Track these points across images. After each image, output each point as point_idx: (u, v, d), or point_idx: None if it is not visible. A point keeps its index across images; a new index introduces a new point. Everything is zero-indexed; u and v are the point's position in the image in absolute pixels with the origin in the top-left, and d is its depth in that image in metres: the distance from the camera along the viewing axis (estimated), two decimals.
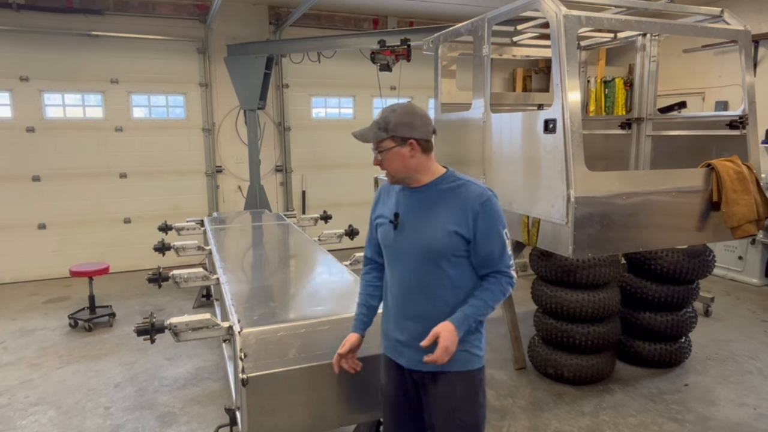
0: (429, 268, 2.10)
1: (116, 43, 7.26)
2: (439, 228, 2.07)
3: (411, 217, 2.15)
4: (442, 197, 2.11)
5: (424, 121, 2.09)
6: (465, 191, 2.09)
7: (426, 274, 2.11)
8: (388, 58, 5.97)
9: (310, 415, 2.63)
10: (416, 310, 2.15)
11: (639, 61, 4.97)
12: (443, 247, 2.07)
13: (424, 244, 2.09)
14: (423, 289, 2.12)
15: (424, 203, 2.13)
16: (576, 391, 4.08)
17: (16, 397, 4.10)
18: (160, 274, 4.13)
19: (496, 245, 2.08)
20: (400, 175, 2.13)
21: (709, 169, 3.63)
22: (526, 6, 3.63)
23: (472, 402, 2.17)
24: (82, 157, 7.32)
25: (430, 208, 2.11)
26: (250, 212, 6.86)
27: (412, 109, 2.10)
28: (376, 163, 2.14)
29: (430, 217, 2.10)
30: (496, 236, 2.07)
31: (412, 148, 2.07)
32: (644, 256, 4.33)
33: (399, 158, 2.08)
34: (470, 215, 2.05)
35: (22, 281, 7.16)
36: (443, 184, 2.13)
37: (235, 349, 2.59)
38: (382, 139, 2.08)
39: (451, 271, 2.09)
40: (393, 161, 2.10)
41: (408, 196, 2.18)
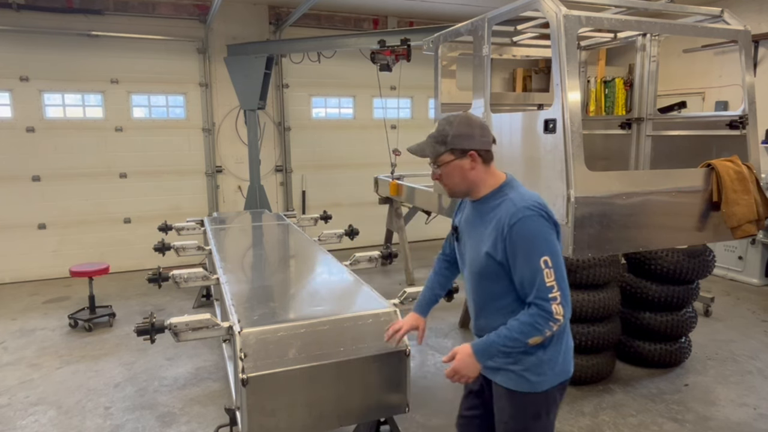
0: (482, 284, 2.08)
1: (116, 43, 7.26)
2: (478, 247, 2.04)
3: (467, 231, 2.14)
4: (488, 213, 2.01)
5: (483, 131, 2.02)
6: (502, 210, 1.96)
7: (480, 288, 2.10)
8: (388, 58, 5.97)
9: (310, 415, 2.63)
10: (477, 321, 2.19)
11: (639, 61, 4.97)
12: (481, 267, 2.03)
13: (470, 262, 2.10)
14: (478, 299, 2.14)
15: (476, 218, 2.08)
16: (576, 391, 4.08)
17: (16, 397, 4.10)
18: (160, 274, 4.13)
19: (526, 271, 1.90)
20: (459, 189, 2.06)
21: (709, 169, 3.63)
22: (526, 6, 3.63)
23: (521, 423, 2.10)
24: (82, 157, 7.33)
25: (478, 224, 2.06)
26: (250, 212, 6.86)
27: (469, 119, 2.02)
28: (434, 177, 2.07)
29: (474, 235, 2.07)
30: (526, 262, 1.89)
31: (473, 159, 1.99)
32: (644, 256, 4.33)
33: (459, 171, 2.00)
34: (500, 236, 1.94)
35: (22, 281, 7.16)
36: (492, 200, 2.03)
37: (235, 349, 2.59)
38: (440, 153, 2.00)
39: (494, 288, 2.03)
40: (452, 175, 2.02)
41: (468, 209, 2.15)
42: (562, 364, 2.08)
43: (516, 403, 2.09)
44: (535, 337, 1.91)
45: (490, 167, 2.06)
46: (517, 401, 2.09)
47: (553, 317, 1.89)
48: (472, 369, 2.02)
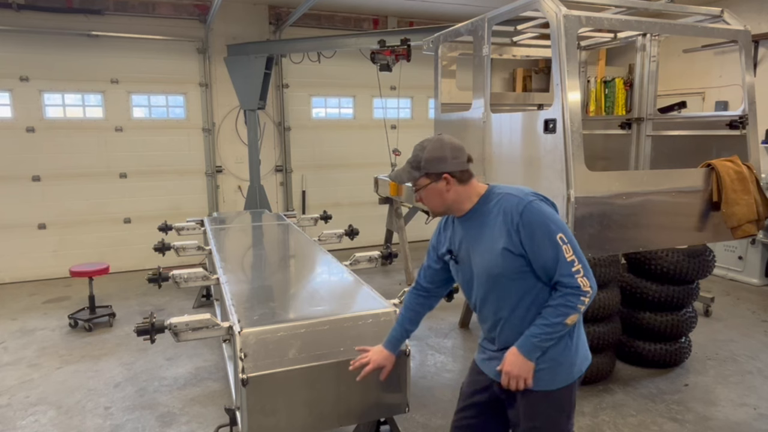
0: (497, 292, 2.07)
1: (116, 43, 7.26)
2: (491, 250, 2.03)
3: (466, 246, 2.14)
4: (486, 218, 2.07)
5: (455, 153, 2.07)
6: (504, 205, 2.02)
7: (496, 298, 2.09)
8: (388, 58, 5.97)
9: (310, 415, 2.63)
10: (494, 331, 2.16)
11: (639, 61, 4.97)
12: (500, 269, 2.02)
13: (484, 270, 2.07)
14: (497, 310, 2.11)
15: (473, 230, 2.11)
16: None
17: (16, 397, 4.10)
18: (160, 274, 4.13)
19: (548, 253, 1.95)
20: (440, 210, 2.15)
21: (709, 169, 3.63)
22: (526, 6, 3.63)
23: (553, 424, 2.11)
24: (82, 157, 7.32)
25: (479, 233, 2.09)
26: (250, 212, 6.86)
27: (441, 142, 2.08)
28: (416, 200, 2.16)
29: (480, 243, 2.08)
30: (545, 243, 1.95)
31: (448, 182, 2.06)
32: (644, 256, 4.33)
33: (436, 194, 2.09)
34: (513, 229, 1.97)
35: (22, 281, 7.16)
36: (485, 205, 2.09)
37: (235, 349, 2.59)
38: (416, 178, 2.09)
39: (517, 288, 2.04)
40: (431, 198, 2.11)
41: (459, 227, 2.18)
42: (584, 348, 2.15)
43: (551, 403, 2.09)
44: (571, 315, 1.96)
45: (470, 183, 2.11)
46: (551, 401, 2.08)
47: (581, 290, 1.94)
48: (525, 369, 2.03)
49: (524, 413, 2.11)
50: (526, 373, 2.03)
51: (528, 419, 2.11)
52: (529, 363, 2.02)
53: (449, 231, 2.25)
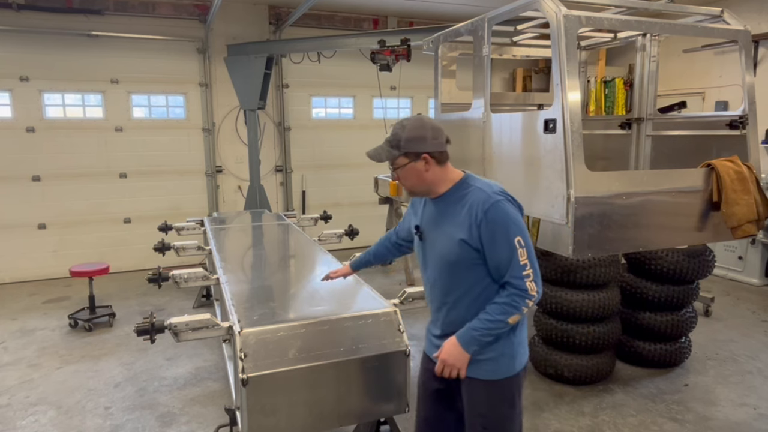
0: (450, 277, 2.13)
1: (116, 43, 7.26)
2: (450, 237, 2.08)
3: (430, 227, 2.19)
4: (454, 206, 2.10)
5: (435, 133, 2.07)
6: (472, 198, 2.05)
7: (446, 280, 2.14)
8: (388, 58, 5.97)
9: (310, 415, 2.63)
10: (439, 312, 2.22)
11: (639, 61, 4.97)
12: (455, 257, 2.07)
13: (440, 255, 2.13)
14: (445, 294, 2.16)
15: (440, 213, 2.15)
16: (576, 391, 4.08)
17: (16, 397, 4.10)
18: (160, 274, 4.13)
19: (502, 253, 1.99)
20: (418, 190, 2.16)
21: (709, 169, 3.63)
22: (526, 6, 3.63)
23: (497, 412, 2.15)
24: (82, 157, 7.32)
25: (443, 218, 2.13)
26: (250, 212, 6.86)
27: (421, 122, 2.08)
28: (394, 179, 2.17)
29: (444, 228, 2.12)
30: (502, 243, 1.99)
31: (427, 162, 2.07)
32: (644, 256, 4.33)
33: (414, 173, 2.09)
34: (474, 223, 2.01)
35: (22, 281, 7.16)
36: (456, 192, 2.12)
37: (235, 349, 2.59)
38: (395, 156, 2.09)
39: (469, 277, 2.08)
40: (409, 177, 2.11)
41: (429, 207, 2.22)
42: (525, 344, 2.22)
43: (493, 393, 2.14)
44: (514, 315, 2.02)
45: (447, 166, 2.14)
46: (494, 390, 2.13)
47: (528, 294, 2.00)
48: (461, 359, 2.08)
49: (467, 401, 2.19)
50: (460, 363, 2.08)
51: (471, 407, 2.18)
52: (465, 354, 2.07)
53: (421, 207, 2.29)
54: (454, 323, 2.15)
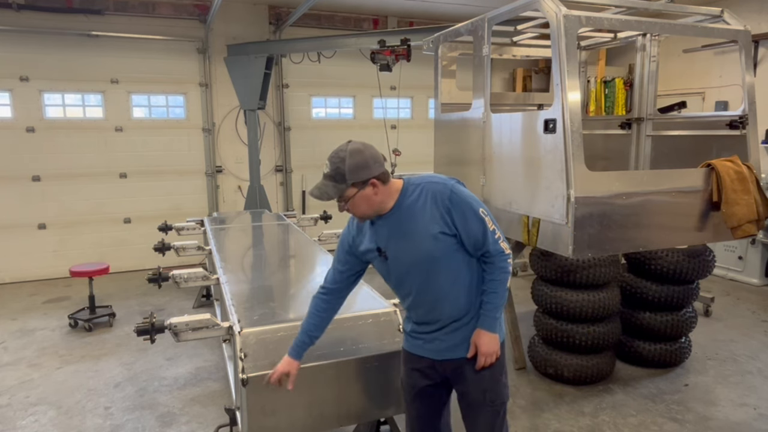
0: (434, 276, 2.16)
1: (116, 43, 7.26)
2: (423, 237, 2.11)
3: (394, 241, 2.18)
4: (413, 209, 2.13)
5: (374, 157, 2.09)
6: (429, 192, 2.12)
7: (434, 282, 2.17)
8: (388, 58, 5.96)
9: (310, 415, 2.63)
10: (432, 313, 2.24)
11: (639, 61, 4.97)
12: (438, 251, 2.12)
13: (422, 257, 2.14)
14: (437, 296, 2.20)
15: (400, 223, 2.15)
16: (576, 391, 4.08)
17: (16, 397, 4.10)
18: (160, 274, 4.13)
19: (477, 228, 2.12)
20: (369, 213, 2.15)
21: (709, 169, 3.63)
22: (526, 6, 3.63)
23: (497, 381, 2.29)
24: (82, 157, 7.32)
25: (408, 224, 2.14)
26: (250, 212, 6.86)
27: (358, 149, 2.06)
28: (342, 210, 2.14)
29: (412, 233, 2.13)
30: (473, 220, 2.11)
31: (375, 186, 2.08)
32: (644, 256, 4.33)
33: (365, 200, 2.09)
34: (445, 212, 2.09)
35: (22, 281, 7.16)
36: (407, 198, 2.15)
37: (235, 349, 2.59)
38: (343, 191, 2.06)
39: (453, 266, 2.16)
40: (359, 205, 2.10)
41: (382, 225, 2.19)
42: None
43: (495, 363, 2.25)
44: (509, 278, 2.20)
45: (390, 182, 2.16)
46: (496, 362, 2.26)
47: (506, 254, 2.18)
48: (495, 343, 2.21)
49: (472, 380, 2.26)
50: (496, 346, 2.22)
51: (477, 385, 2.26)
52: (496, 335, 2.21)
53: (367, 231, 2.25)
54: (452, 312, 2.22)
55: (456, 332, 2.24)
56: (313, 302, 2.42)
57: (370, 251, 2.25)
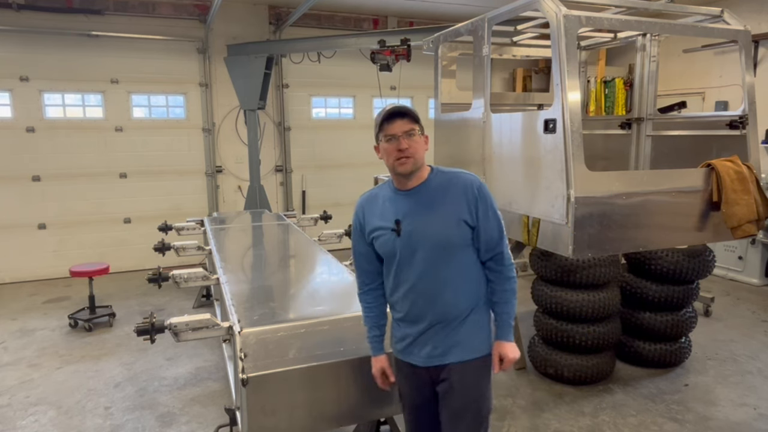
0: (442, 263, 2.13)
1: (116, 43, 7.26)
2: (447, 219, 2.12)
3: (414, 218, 2.14)
4: (439, 192, 2.15)
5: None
6: (460, 181, 2.16)
7: (441, 269, 2.14)
8: (388, 58, 5.96)
9: (310, 415, 2.63)
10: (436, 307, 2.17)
11: (639, 61, 4.97)
12: (455, 237, 2.12)
13: (437, 239, 2.12)
14: (440, 284, 2.15)
15: (424, 202, 2.15)
16: (576, 391, 4.08)
17: (16, 397, 4.10)
18: (160, 274, 4.12)
19: (495, 227, 2.16)
20: (419, 163, 2.15)
21: (709, 169, 3.63)
22: (526, 6, 3.63)
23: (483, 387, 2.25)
24: (82, 157, 7.32)
25: (431, 204, 2.14)
26: (250, 212, 6.86)
27: None
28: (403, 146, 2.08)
29: (435, 212, 2.13)
30: (494, 218, 2.17)
31: (426, 141, 2.19)
32: (644, 256, 4.33)
33: (421, 146, 2.15)
34: (472, 202, 2.13)
35: (22, 281, 7.16)
36: (435, 180, 2.18)
37: (235, 349, 2.59)
38: (416, 120, 2.14)
39: (464, 259, 2.16)
40: (418, 148, 2.13)
41: (403, 200, 2.17)
42: None
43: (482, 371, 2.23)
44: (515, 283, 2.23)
45: None
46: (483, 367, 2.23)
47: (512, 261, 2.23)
48: (517, 349, 2.24)
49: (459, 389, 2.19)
50: (518, 353, 2.25)
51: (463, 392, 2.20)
52: (514, 343, 2.24)
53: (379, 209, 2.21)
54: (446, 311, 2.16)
55: (445, 335, 2.18)
56: (361, 299, 2.40)
57: (378, 229, 2.18)
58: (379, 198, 2.24)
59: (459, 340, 2.18)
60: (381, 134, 2.14)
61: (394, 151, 2.10)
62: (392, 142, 2.10)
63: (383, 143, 2.14)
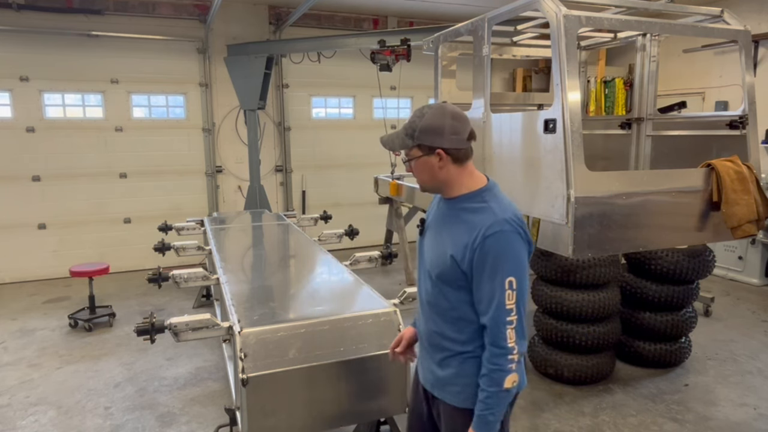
0: (438, 288, 1.90)
1: (116, 43, 7.26)
2: (442, 248, 1.86)
3: (434, 228, 1.97)
4: (460, 216, 1.85)
5: (455, 128, 1.80)
6: (479, 216, 1.79)
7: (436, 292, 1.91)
8: (388, 58, 5.97)
9: (310, 415, 2.63)
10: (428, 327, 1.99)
11: (639, 61, 4.97)
12: (443, 269, 1.85)
13: (431, 261, 1.92)
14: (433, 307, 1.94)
15: (445, 218, 1.92)
16: (576, 391, 4.08)
17: (16, 397, 4.10)
18: (160, 274, 4.13)
19: (486, 287, 1.74)
20: (429, 186, 1.92)
21: (709, 169, 3.63)
22: (526, 6, 3.63)
23: None
24: (82, 157, 7.33)
25: (445, 225, 1.90)
26: (250, 212, 6.86)
27: (442, 112, 1.82)
28: (407, 169, 1.92)
29: (441, 235, 1.90)
30: (490, 277, 1.73)
31: (441, 158, 1.81)
32: (644, 256, 4.33)
33: (427, 168, 1.84)
34: (470, 245, 1.76)
35: (22, 281, 7.16)
36: (468, 202, 1.85)
37: (235, 349, 2.59)
38: (408, 147, 1.85)
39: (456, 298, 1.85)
40: (421, 171, 1.87)
41: (439, 206, 2.00)
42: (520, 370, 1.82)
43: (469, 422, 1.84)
44: (508, 377, 1.74)
45: (467, 166, 1.87)
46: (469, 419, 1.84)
47: (507, 347, 1.73)
48: None
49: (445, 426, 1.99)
50: None
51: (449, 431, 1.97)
52: None
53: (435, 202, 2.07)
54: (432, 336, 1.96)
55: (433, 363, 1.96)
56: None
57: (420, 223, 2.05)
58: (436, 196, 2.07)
59: (444, 379, 1.93)
60: None
61: None
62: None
63: None
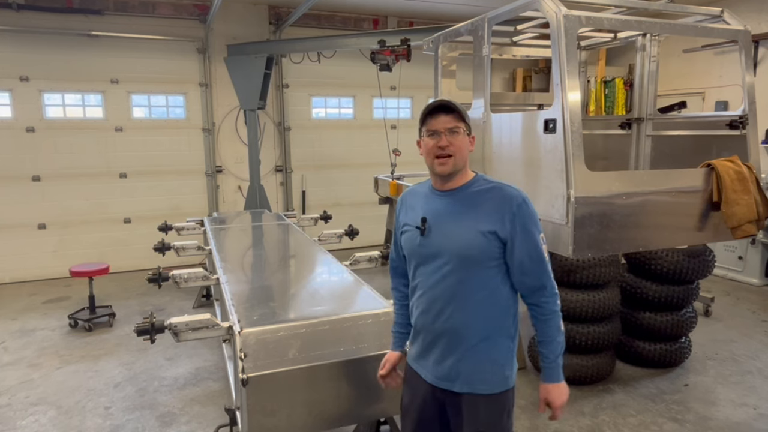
0: (460, 276, 1.96)
1: (116, 43, 7.26)
2: (472, 230, 1.94)
3: (441, 221, 2.01)
4: (475, 200, 1.99)
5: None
6: (499, 193, 1.98)
7: (457, 282, 1.96)
8: (388, 58, 5.97)
9: (310, 415, 2.63)
10: (445, 322, 2.00)
11: (639, 61, 4.97)
12: (477, 250, 1.94)
13: (457, 249, 1.95)
14: (453, 298, 1.98)
15: (455, 207, 2.00)
16: (576, 391, 4.08)
17: (16, 397, 4.10)
18: (160, 274, 4.13)
19: (529, 246, 1.95)
20: (460, 164, 2.00)
21: (709, 169, 3.63)
22: (526, 6, 3.63)
23: (495, 426, 2.05)
24: (82, 157, 7.33)
25: (462, 211, 1.99)
26: (250, 212, 6.86)
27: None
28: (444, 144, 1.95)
29: (463, 220, 1.97)
30: (531, 239, 1.96)
31: (471, 143, 2.03)
32: (644, 256, 4.33)
33: (464, 146, 1.99)
34: (507, 216, 1.94)
35: (22, 281, 7.16)
36: (474, 187, 2.02)
37: (235, 349, 2.59)
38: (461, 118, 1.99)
39: (488, 279, 1.97)
40: (461, 148, 1.98)
41: (436, 200, 2.05)
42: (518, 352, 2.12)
43: (493, 407, 2.03)
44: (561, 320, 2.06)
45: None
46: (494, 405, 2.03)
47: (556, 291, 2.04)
48: (565, 392, 2.14)
49: (468, 417, 2.03)
50: (566, 395, 2.13)
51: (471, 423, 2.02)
52: (563, 384, 2.13)
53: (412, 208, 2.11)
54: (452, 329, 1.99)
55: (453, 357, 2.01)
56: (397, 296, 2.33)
57: (407, 224, 2.10)
58: (419, 194, 2.13)
59: (467, 369, 2.00)
60: (423, 128, 2.00)
61: (435, 148, 1.96)
62: (434, 137, 1.97)
63: (425, 138, 2.00)
